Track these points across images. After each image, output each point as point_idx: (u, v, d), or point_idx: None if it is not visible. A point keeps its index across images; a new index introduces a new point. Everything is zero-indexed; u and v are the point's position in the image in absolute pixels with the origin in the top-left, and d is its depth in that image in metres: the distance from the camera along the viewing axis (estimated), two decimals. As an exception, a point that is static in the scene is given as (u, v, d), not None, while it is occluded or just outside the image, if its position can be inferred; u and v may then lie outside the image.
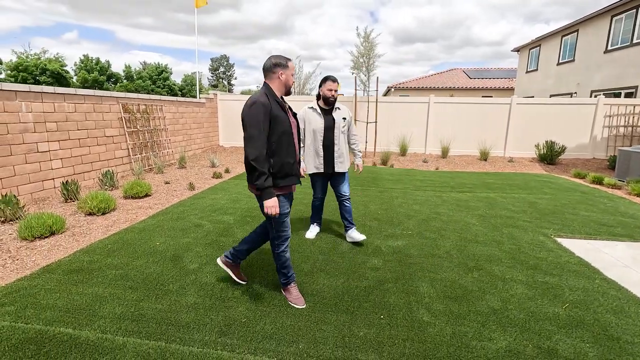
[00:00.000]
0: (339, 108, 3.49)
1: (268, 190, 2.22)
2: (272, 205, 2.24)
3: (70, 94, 5.75)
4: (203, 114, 10.59)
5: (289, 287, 2.62)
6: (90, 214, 4.48)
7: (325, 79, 3.38)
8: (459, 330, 2.27)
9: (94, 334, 2.15)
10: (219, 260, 2.78)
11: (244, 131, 2.21)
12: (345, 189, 3.63)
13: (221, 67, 59.63)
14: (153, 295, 2.62)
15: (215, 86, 53.05)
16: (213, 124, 11.28)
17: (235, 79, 61.33)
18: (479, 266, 3.23)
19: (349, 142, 3.66)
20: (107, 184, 5.82)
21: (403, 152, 10.48)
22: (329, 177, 3.64)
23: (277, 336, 2.19)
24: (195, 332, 2.20)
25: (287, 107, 2.44)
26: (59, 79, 33.57)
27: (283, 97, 2.45)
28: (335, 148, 3.45)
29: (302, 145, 3.44)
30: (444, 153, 10.28)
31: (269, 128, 2.23)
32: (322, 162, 3.46)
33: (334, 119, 3.43)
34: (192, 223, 4.23)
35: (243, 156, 9.33)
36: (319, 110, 3.43)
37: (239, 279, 2.78)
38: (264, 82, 2.37)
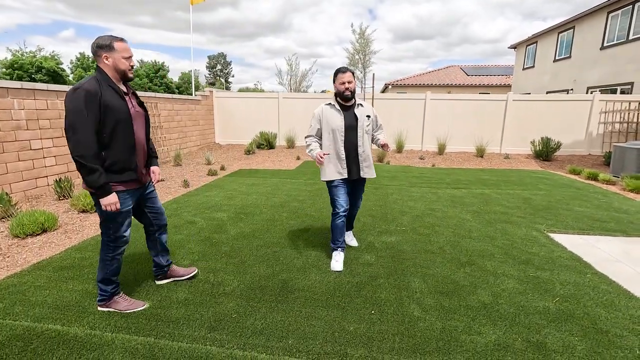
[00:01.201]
0: (361, 105, 3.04)
1: (106, 187, 2.05)
2: (111, 202, 2.07)
3: (63, 91, 5.71)
4: (199, 111, 10.55)
5: (115, 298, 2.35)
6: (83, 211, 4.45)
7: (335, 73, 2.95)
8: (448, 325, 2.28)
9: (83, 330, 2.14)
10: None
11: (65, 122, 1.98)
12: (360, 200, 3.32)
13: (218, 65, 59.41)
14: (143, 291, 2.61)
15: (212, 84, 52.89)
16: (209, 121, 11.25)
17: (233, 76, 61.04)
18: (472, 261, 3.23)
19: (372, 138, 3.20)
20: (101, 182, 5.79)
21: (399, 148, 10.48)
22: (350, 182, 3.13)
23: (267, 332, 2.18)
24: (185, 327, 2.20)
25: (132, 93, 2.28)
26: (55, 77, 33.34)
27: (127, 83, 2.27)
28: (360, 150, 2.99)
29: (311, 141, 3.06)
30: (441, 150, 10.29)
31: (100, 117, 2.01)
32: (345, 166, 2.99)
33: (356, 116, 2.97)
34: (185, 220, 4.22)
35: (239, 153, 9.35)
36: (337, 107, 2.98)
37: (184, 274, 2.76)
38: (97, 66, 2.14)
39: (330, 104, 3.05)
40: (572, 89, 14.16)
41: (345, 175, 2.99)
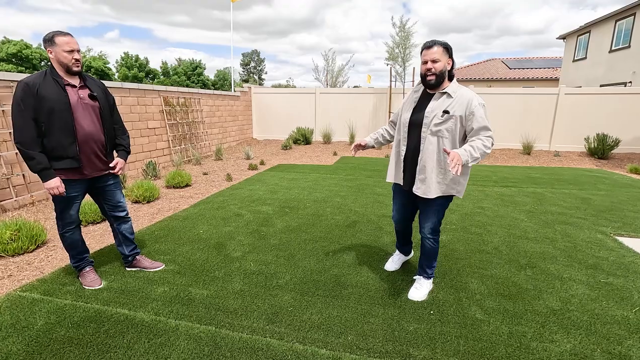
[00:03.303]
0: (448, 94, 2.18)
1: (45, 172, 2.20)
2: (54, 185, 2.22)
3: (116, 87, 6.00)
4: (238, 107, 10.76)
5: (82, 272, 2.60)
6: (136, 202, 4.66)
7: (421, 49, 2.24)
8: (516, 330, 2.14)
9: (148, 316, 2.22)
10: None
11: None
12: (428, 224, 2.36)
13: (252, 62, 60.43)
14: (200, 280, 2.67)
15: (246, 81, 53.89)
16: (247, 117, 11.45)
17: (266, 73, 61.80)
18: (532, 264, 3.04)
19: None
20: (150, 174, 6.05)
21: (439, 145, 10.14)
22: (414, 196, 2.40)
23: (324, 326, 2.16)
24: (244, 318, 2.22)
25: (82, 85, 2.34)
26: (102, 76, 35.41)
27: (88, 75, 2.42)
28: (419, 157, 2.26)
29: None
30: (483, 146, 9.83)
31: (37, 108, 2.15)
32: (402, 170, 2.41)
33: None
34: (233, 212, 4.30)
35: (276, 148, 9.48)
36: (418, 95, 2.33)
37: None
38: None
39: (417, 90, 2.39)
40: (630, 82, 13.05)
41: (400, 182, 2.44)
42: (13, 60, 28.32)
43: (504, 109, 9.97)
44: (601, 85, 14.52)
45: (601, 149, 8.86)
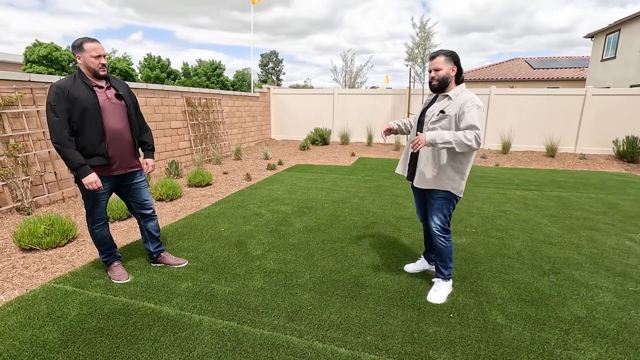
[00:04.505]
0: (449, 97, 2.36)
1: (83, 168, 2.31)
2: (91, 180, 2.33)
3: (141, 88, 6.20)
4: (257, 108, 10.90)
5: (110, 266, 2.71)
6: (159, 200, 4.81)
7: None
8: (539, 337, 2.11)
9: (173, 310, 2.30)
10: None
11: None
12: (434, 219, 2.49)
13: (270, 63, 60.99)
14: (222, 277, 2.74)
15: (264, 81, 54.49)
16: (266, 118, 11.58)
17: (284, 74, 62.24)
18: (556, 269, 2.97)
19: None
20: (173, 173, 6.22)
21: (459, 147, 9.97)
22: (420, 191, 2.60)
23: (343, 326, 2.18)
24: (264, 315, 2.27)
25: (109, 87, 2.45)
26: (126, 76, 36.50)
27: (111, 77, 2.46)
28: (421, 151, 2.47)
29: None
30: (505, 148, 9.63)
31: (69, 109, 2.26)
32: (407, 163, 2.64)
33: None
34: (252, 212, 4.38)
35: (294, 148, 9.55)
36: (431, 98, 2.57)
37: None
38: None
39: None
40: (663, 82, 12.47)
41: (405, 174, 2.67)
42: (44, 62, 29.59)
43: (527, 110, 9.73)
44: (631, 86, 13.93)
45: (630, 152, 8.52)
